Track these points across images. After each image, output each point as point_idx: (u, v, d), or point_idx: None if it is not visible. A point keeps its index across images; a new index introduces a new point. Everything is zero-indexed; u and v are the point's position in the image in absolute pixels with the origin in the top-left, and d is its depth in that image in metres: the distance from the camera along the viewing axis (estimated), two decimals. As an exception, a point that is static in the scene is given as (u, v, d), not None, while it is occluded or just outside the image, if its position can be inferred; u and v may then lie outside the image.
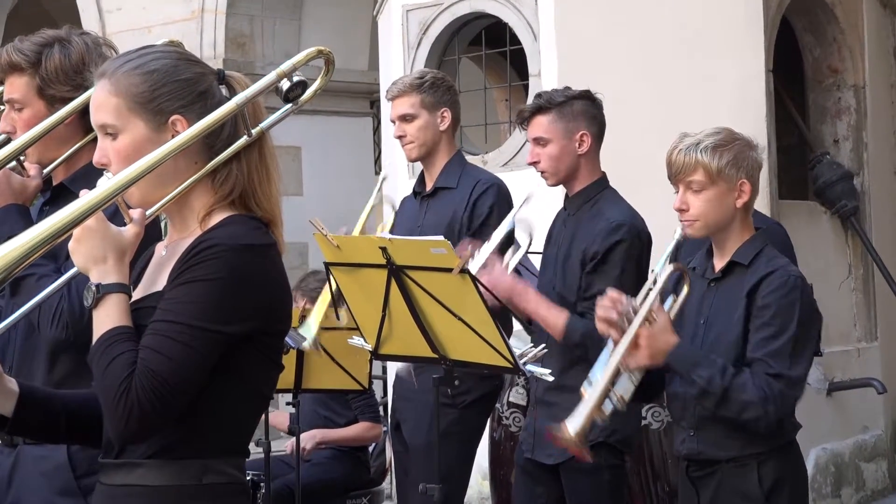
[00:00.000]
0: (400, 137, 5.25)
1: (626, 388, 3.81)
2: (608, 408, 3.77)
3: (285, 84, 2.58)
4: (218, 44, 11.05)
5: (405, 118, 5.22)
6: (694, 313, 3.92)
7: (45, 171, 3.47)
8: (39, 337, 3.27)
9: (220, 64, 10.24)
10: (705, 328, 3.88)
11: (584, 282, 4.60)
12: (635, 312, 3.78)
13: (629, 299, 3.82)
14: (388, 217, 5.54)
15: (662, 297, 3.87)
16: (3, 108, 3.53)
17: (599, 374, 3.78)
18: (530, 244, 4.92)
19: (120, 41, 3.98)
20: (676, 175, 3.88)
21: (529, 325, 4.79)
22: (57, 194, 3.44)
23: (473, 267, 4.49)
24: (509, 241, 4.90)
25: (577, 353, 4.52)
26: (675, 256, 3.94)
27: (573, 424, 3.71)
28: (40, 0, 14.49)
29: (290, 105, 2.63)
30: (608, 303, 3.81)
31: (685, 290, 3.87)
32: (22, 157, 3.44)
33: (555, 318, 4.59)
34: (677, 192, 3.90)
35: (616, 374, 3.77)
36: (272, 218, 2.58)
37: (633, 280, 4.57)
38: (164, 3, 11.26)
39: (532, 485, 4.78)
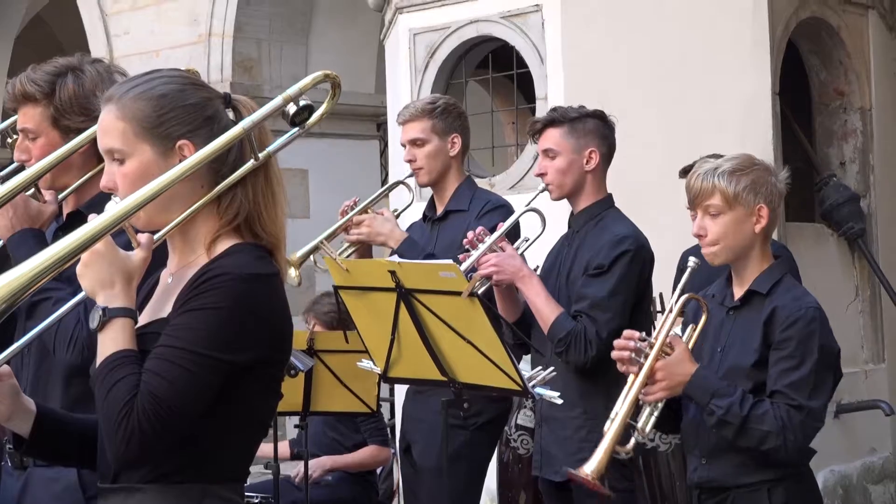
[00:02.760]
0: (410, 162, 5.24)
1: (647, 420, 3.81)
2: (630, 442, 3.78)
3: (292, 108, 2.59)
4: (225, 67, 11.07)
5: (416, 143, 5.20)
6: (711, 340, 3.91)
7: (59, 196, 3.49)
8: (54, 359, 3.27)
9: (228, 87, 10.26)
10: (721, 356, 3.87)
11: (580, 284, 4.63)
12: (652, 347, 3.78)
13: (644, 335, 3.82)
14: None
15: (683, 326, 3.87)
16: (16, 136, 3.55)
17: (619, 408, 3.78)
18: (543, 231, 4.93)
19: (127, 65, 4.00)
20: (695, 200, 3.89)
21: (528, 339, 4.79)
22: (72, 221, 3.42)
23: (479, 249, 4.61)
24: (516, 234, 4.92)
25: (558, 349, 4.57)
26: (688, 286, 3.93)
27: (591, 464, 3.72)
28: (48, 24, 14.54)
29: (296, 129, 2.64)
30: (622, 340, 3.82)
31: (703, 318, 3.86)
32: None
33: (549, 311, 4.63)
34: (695, 218, 3.91)
35: (635, 408, 3.77)
36: (276, 243, 2.58)
37: (631, 291, 4.59)
38: (172, 26, 11.28)
39: (551, 502, 4.80)
